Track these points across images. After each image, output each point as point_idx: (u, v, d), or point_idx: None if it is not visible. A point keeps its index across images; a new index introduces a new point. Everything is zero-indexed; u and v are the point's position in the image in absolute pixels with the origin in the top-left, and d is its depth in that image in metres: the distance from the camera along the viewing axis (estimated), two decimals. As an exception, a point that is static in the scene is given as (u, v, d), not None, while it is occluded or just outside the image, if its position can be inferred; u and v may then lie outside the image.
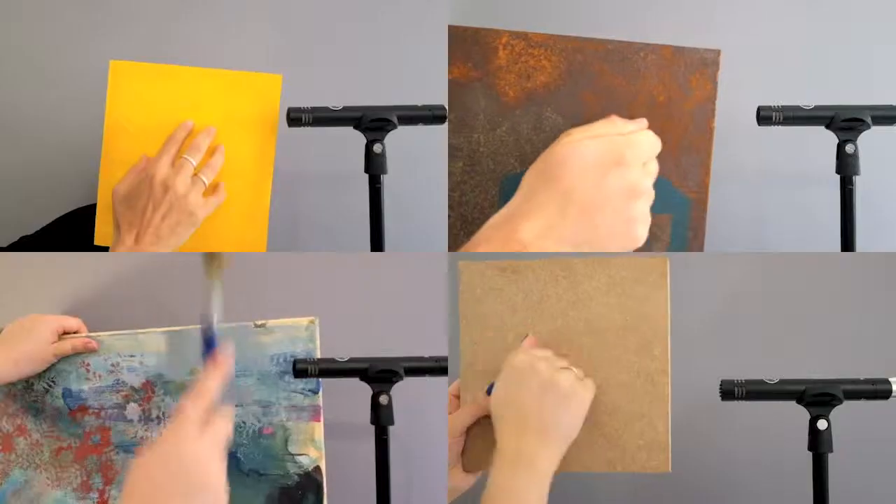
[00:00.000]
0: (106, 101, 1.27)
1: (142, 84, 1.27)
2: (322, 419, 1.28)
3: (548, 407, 1.06)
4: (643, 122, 1.16)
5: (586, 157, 1.08)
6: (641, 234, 1.10)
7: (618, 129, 1.13)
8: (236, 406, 1.28)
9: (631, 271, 1.14)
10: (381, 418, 1.17)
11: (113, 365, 1.31)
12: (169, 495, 0.91)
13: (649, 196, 1.10)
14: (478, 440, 1.17)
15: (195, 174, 1.25)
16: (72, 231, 1.39)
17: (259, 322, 1.29)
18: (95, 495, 1.31)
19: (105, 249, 1.28)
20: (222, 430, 0.96)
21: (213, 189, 1.27)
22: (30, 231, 1.42)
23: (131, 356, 1.31)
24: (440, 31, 1.43)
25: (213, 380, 0.99)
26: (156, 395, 1.31)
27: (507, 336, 1.18)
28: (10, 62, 1.49)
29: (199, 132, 1.27)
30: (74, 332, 1.31)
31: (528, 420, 1.06)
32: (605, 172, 1.08)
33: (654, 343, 1.14)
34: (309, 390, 1.29)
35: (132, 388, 1.31)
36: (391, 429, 1.18)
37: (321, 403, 1.28)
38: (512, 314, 1.17)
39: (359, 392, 1.19)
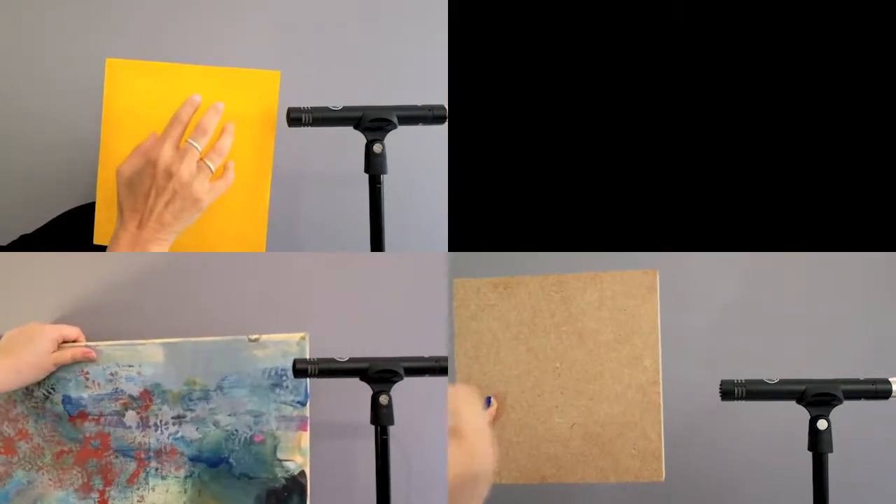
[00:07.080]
0: (103, 100, 1.27)
1: (139, 82, 1.26)
2: (308, 429, 1.31)
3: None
4: None
5: None
6: None
7: None
8: (230, 415, 1.30)
9: (622, 286, 1.15)
10: (381, 418, 1.17)
11: (111, 374, 1.31)
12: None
13: None
14: None
15: (201, 159, 1.22)
16: (71, 230, 1.39)
17: (253, 336, 1.31)
18: (96, 496, 1.31)
19: (104, 248, 1.28)
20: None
21: (220, 172, 1.24)
22: (29, 230, 1.42)
23: (129, 366, 1.31)
24: (440, 31, 1.44)
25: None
26: (153, 404, 1.31)
27: (501, 351, 1.19)
28: (9, 62, 1.49)
29: (206, 110, 1.24)
30: (73, 341, 1.31)
31: None
32: None
33: (644, 355, 1.15)
34: (297, 402, 1.31)
35: (130, 396, 1.31)
36: (391, 429, 1.18)
37: (308, 414, 1.30)
38: (505, 329, 1.18)
39: (359, 392, 1.19)
